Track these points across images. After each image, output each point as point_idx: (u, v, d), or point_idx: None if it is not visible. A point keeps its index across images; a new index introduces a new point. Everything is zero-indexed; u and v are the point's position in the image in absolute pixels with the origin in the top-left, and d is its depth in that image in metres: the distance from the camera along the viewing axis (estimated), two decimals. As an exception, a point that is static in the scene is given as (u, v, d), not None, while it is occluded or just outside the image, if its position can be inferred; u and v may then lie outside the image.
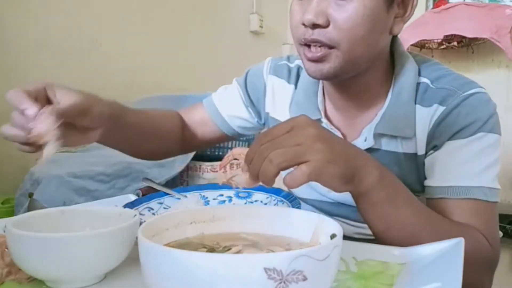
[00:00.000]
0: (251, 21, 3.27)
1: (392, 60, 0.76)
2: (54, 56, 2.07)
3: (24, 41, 1.97)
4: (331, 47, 0.65)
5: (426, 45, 2.94)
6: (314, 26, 0.65)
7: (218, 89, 0.94)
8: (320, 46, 0.66)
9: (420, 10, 3.05)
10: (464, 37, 2.83)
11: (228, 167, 0.57)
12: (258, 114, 0.90)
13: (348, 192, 0.77)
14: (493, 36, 2.66)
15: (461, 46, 2.93)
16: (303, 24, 0.66)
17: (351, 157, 0.54)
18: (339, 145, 0.53)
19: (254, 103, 0.89)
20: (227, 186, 0.77)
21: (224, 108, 0.90)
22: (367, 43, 0.66)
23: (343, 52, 0.65)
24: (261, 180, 0.49)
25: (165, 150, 0.90)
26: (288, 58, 0.89)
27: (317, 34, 0.65)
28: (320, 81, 0.81)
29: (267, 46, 3.38)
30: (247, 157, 0.51)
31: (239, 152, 0.55)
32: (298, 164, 0.48)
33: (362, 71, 0.70)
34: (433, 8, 3.11)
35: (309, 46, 0.67)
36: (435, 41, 2.89)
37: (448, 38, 2.86)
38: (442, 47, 2.95)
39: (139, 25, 2.45)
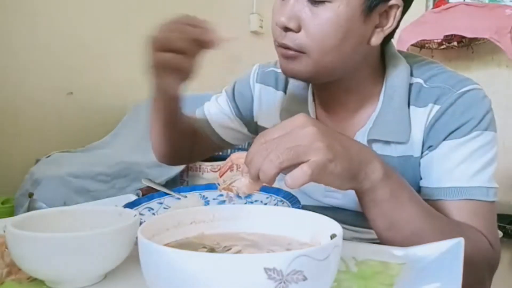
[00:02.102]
0: (251, 21, 3.27)
1: (383, 61, 0.75)
2: (53, 58, 2.07)
3: (24, 42, 1.97)
4: (301, 52, 0.65)
5: (426, 45, 2.94)
6: (286, 29, 0.64)
7: (211, 98, 0.94)
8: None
9: (420, 10, 3.05)
10: (464, 37, 2.83)
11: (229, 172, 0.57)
12: (248, 124, 0.90)
13: (343, 197, 0.76)
14: (493, 36, 2.65)
15: (461, 46, 2.93)
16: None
17: (354, 154, 0.53)
18: (340, 142, 0.52)
19: (242, 113, 0.89)
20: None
21: (214, 119, 0.90)
22: (339, 53, 0.65)
23: (313, 60, 0.65)
24: (261, 180, 0.48)
25: (186, 154, 0.92)
26: (276, 63, 0.88)
27: (288, 39, 0.65)
28: (310, 86, 0.80)
29: (267, 46, 3.34)
30: (247, 158, 0.50)
31: (237, 157, 0.55)
32: (299, 163, 0.47)
33: (343, 76, 0.70)
34: (433, 8, 3.11)
35: None
36: (435, 41, 2.89)
37: (448, 38, 2.86)
38: (442, 47, 2.94)
39: (139, 25, 2.45)
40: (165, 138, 0.84)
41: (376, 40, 0.67)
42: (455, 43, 2.91)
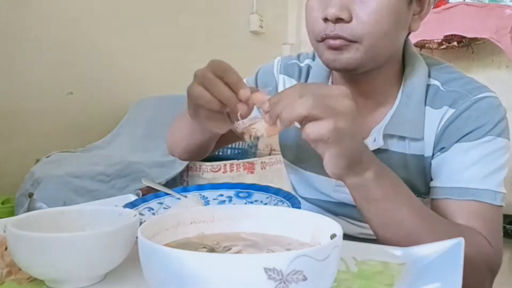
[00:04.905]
0: (251, 21, 3.27)
1: (403, 60, 0.76)
2: (54, 57, 2.07)
3: (25, 42, 1.97)
4: (353, 41, 0.65)
5: (426, 45, 2.94)
6: (337, 20, 0.64)
7: None
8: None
9: (420, 10, 3.04)
10: (464, 37, 2.83)
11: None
12: None
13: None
14: (493, 36, 2.65)
15: (461, 46, 2.93)
16: (325, 19, 0.65)
17: (359, 150, 0.54)
18: (354, 142, 0.53)
19: None
20: (227, 185, 0.77)
21: None
22: (389, 38, 0.66)
23: (364, 46, 0.65)
24: (284, 115, 0.49)
25: (216, 146, 0.90)
26: (298, 57, 0.88)
27: (339, 29, 0.64)
28: (330, 80, 0.80)
29: (267, 46, 3.38)
30: (275, 97, 0.50)
31: (258, 97, 0.53)
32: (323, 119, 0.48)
33: (377, 68, 0.70)
34: (433, 8, 3.10)
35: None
36: (435, 41, 2.88)
37: (448, 38, 2.86)
38: (442, 47, 2.94)
39: (139, 25, 2.45)
40: (193, 142, 0.82)
41: (415, 26, 0.70)
42: (455, 43, 2.91)
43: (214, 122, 0.60)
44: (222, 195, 0.76)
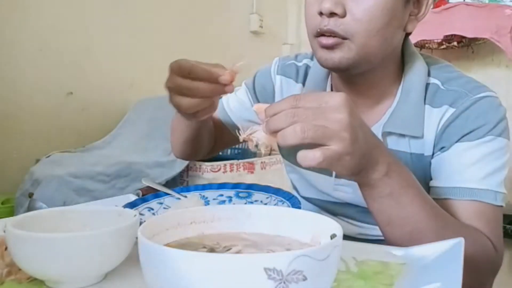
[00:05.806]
0: (251, 21, 3.27)
1: (402, 59, 0.76)
2: (53, 58, 2.07)
3: (25, 42, 1.97)
4: (344, 38, 0.64)
5: (426, 45, 2.94)
6: (331, 14, 0.64)
7: None
8: (334, 37, 0.65)
9: (420, 10, 3.04)
10: (464, 37, 2.83)
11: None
12: None
13: (351, 193, 0.76)
14: (493, 36, 2.66)
15: (461, 46, 2.93)
16: (320, 13, 0.65)
17: (368, 151, 0.52)
18: (363, 136, 0.51)
19: None
20: (227, 185, 0.77)
21: (233, 112, 0.90)
22: (382, 37, 0.65)
23: (357, 45, 0.64)
24: (279, 141, 0.48)
25: (206, 151, 0.92)
26: (296, 57, 0.88)
27: (332, 24, 0.64)
28: (329, 79, 0.80)
29: (267, 46, 3.38)
30: (270, 110, 0.49)
31: (259, 106, 0.52)
32: (319, 144, 0.47)
33: (373, 67, 0.70)
34: (433, 8, 3.11)
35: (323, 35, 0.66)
36: (435, 41, 2.89)
37: (448, 38, 2.86)
38: (442, 47, 2.94)
39: (138, 25, 2.45)
40: (186, 143, 0.84)
41: (411, 27, 0.70)
42: (455, 43, 2.91)
43: (207, 113, 0.66)
44: (222, 195, 0.76)
